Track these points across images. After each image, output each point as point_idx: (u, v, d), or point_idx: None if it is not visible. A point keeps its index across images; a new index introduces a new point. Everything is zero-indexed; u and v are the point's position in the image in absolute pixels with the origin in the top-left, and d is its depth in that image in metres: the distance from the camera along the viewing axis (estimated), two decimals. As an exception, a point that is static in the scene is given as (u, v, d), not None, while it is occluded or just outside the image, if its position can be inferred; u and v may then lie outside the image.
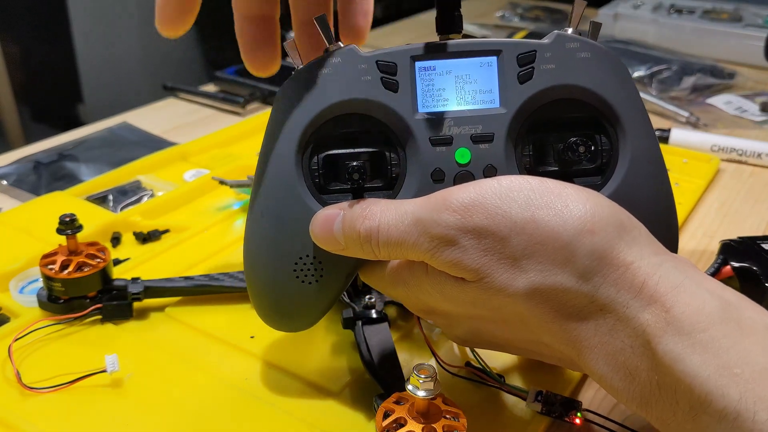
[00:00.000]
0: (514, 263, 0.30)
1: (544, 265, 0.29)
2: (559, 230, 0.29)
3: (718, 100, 0.84)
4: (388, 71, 0.34)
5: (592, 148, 0.34)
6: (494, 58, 0.34)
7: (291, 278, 0.35)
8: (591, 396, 0.40)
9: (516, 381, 0.40)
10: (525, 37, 1.01)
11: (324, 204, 0.34)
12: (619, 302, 0.29)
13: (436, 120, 0.34)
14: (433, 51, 0.34)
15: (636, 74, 0.88)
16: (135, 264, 0.50)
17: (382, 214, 0.32)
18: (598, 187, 0.34)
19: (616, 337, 0.29)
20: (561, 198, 0.30)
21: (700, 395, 0.26)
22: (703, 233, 0.57)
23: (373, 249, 0.32)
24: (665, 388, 0.28)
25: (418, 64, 0.34)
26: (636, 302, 0.28)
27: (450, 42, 0.34)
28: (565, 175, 0.34)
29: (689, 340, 0.27)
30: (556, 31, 0.34)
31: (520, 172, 0.34)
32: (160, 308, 0.46)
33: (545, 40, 0.34)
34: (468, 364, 0.40)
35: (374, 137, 0.34)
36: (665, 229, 0.35)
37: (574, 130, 0.34)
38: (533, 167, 0.34)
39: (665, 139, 0.73)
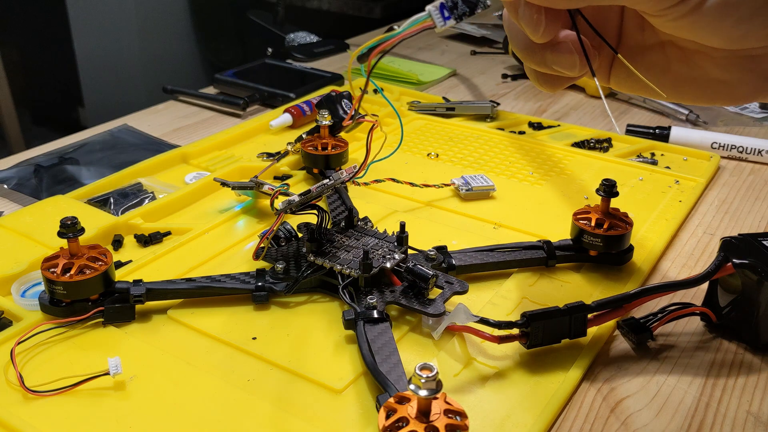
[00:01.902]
0: None
1: None
2: None
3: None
4: None
5: None
6: None
7: None
8: (592, 398, 0.40)
9: (514, 372, 0.40)
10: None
11: None
12: None
13: None
14: None
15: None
16: (137, 266, 0.50)
17: None
18: None
19: None
20: None
21: None
22: (703, 231, 0.58)
23: None
24: None
25: None
26: None
27: None
28: None
29: None
30: None
31: None
32: (162, 310, 0.46)
33: None
34: None
35: None
36: None
37: None
38: None
39: (665, 137, 0.73)
